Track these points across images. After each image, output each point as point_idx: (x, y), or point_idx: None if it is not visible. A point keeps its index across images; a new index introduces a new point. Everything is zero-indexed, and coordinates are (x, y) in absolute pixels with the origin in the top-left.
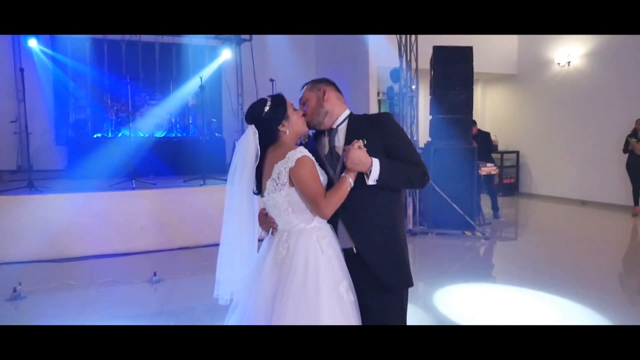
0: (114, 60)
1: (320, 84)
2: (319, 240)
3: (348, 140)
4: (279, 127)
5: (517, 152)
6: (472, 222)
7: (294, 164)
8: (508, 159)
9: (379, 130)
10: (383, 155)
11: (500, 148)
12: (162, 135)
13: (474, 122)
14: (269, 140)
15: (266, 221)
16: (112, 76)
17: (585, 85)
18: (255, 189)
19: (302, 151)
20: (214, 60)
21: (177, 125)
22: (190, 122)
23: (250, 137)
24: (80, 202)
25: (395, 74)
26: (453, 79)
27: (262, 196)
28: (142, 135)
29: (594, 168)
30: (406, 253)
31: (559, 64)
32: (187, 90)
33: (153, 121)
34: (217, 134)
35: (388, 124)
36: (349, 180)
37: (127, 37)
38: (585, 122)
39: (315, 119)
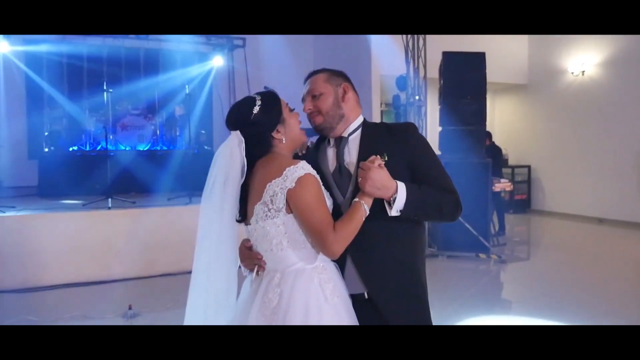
0: (94, 66)
1: (339, 77)
2: (322, 284)
3: (363, 155)
4: (272, 134)
5: (529, 167)
6: (486, 244)
7: (294, 184)
8: (519, 173)
9: (404, 145)
10: (407, 177)
11: (511, 162)
12: (145, 149)
13: (489, 134)
14: (259, 152)
15: (250, 257)
16: (91, 84)
17: (601, 95)
18: (238, 215)
19: (305, 167)
20: (204, 67)
21: (163, 137)
22: (177, 133)
23: (234, 146)
24: (48, 223)
25: (401, 82)
26: (464, 87)
27: (247, 224)
28: (123, 148)
29: (612, 183)
30: (427, 298)
31: (572, 73)
32: (174, 99)
33: (136, 133)
34: (206, 147)
35: (414, 137)
36: (364, 208)
37: (108, 41)
38: (601, 135)
39: (329, 122)
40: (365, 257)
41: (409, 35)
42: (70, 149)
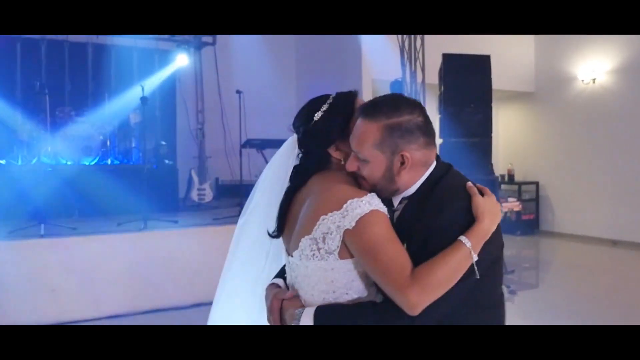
0: (29, 64)
1: (399, 137)
2: None
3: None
4: (328, 150)
5: (537, 183)
6: None
7: (353, 223)
8: (526, 191)
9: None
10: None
11: (517, 178)
12: (92, 163)
13: None
14: (313, 167)
15: (278, 308)
16: (26, 85)
17: (614, 105)
18: (274, 229)
19: (372, 202)
20: (166, 68)
21: (115, 149)
22: (133, 145)
23: (289, 150)
24: None
25: (396, 87)
26: (468, 93)
27: (290, 255)
28: (64, 162)
29: (628, 202)
30: None
31: (582, 80)
32: (129, 103)
33: (80, 144)
34: (167, 161)
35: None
36: (468, 247)
37: (49, 34)
38: (616, 149)
39: (377, 192)
40: None
41: (405, 35)
42: None
